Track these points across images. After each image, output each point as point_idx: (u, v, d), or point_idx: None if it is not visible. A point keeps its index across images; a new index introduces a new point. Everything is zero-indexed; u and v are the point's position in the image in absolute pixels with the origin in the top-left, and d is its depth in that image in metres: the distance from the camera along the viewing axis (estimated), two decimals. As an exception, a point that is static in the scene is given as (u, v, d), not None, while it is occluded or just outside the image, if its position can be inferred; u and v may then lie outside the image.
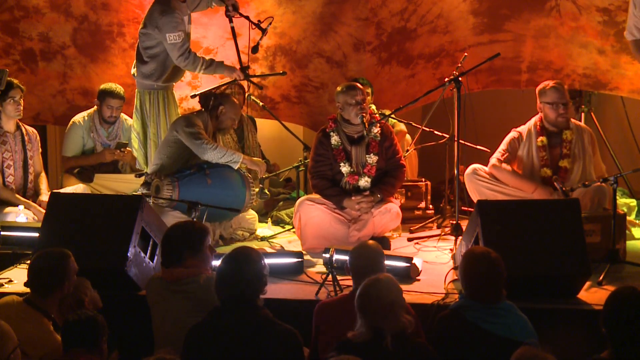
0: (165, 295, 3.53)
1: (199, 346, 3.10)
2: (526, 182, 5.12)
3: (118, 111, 5.96)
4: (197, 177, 5.13)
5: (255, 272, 3.19)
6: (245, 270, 3.16)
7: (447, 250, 5.04)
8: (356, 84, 5.23)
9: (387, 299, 3.01)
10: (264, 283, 3.22)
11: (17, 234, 4.91)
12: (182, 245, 3.56)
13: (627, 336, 2.86)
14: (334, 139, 5.21)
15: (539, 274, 3.92)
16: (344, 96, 5.15)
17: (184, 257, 3.54)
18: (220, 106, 5.34)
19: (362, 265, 3.47)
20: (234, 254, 3.27)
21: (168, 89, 5.67)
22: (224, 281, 3.17)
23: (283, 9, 6.36)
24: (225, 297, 3.15)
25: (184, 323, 3.29)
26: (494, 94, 7.28)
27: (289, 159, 6.53)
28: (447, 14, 6.41)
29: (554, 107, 5.12)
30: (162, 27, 5.34)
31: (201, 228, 3.67)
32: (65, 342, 3.14)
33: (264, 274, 3.22)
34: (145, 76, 5.56)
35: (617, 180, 4.41)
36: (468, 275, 3.32)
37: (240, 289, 3.13)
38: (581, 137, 5.19)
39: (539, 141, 5.19)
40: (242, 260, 3.20)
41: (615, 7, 5.89)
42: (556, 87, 5.16)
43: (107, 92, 5.90)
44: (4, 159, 5.40)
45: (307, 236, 5.08)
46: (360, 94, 5.13)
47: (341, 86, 5.24)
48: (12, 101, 5.38)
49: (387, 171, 5.24)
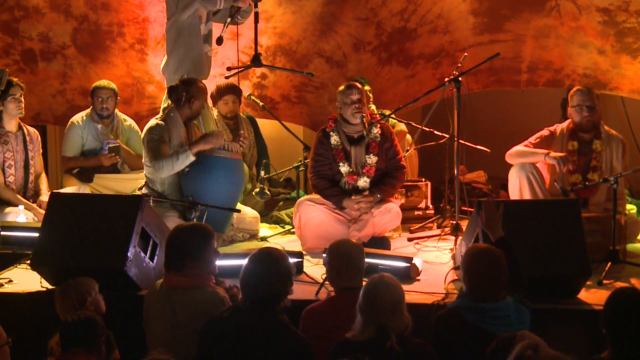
0: (163, 305, 3.50)
1: (214, 339, 3.13)
2: (538, 150, 5.07)
3: (109, 102, 5.89)
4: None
5: (282, 272, 3.20)
6: (272, 271, 3.18)
7: (447, 250, 5.04)
8: (354, 83, 5.23)
9: (395, 297, 3.04)
10: (290, 284, 3.24)
11: (17, 234, 4.91)
12: (183, 250, 3.50)
13: (627, 336, 2.86)
14: (334, 139, 5.21)
15: (539, 273, 3.91)
16: (341, 95, 5.17)
17: (186, 263, 3.49)
18: (192, 98, 5.16)
19: (338, 266, 3.54)
20: (261, 254, 3.28)
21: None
22: (250, 281, 3.19)
23: (283, 8, 6.37)
24: (249, 297, 3.17)
25: (180, 330, 3.32)
26: (494, 94, 7.29)
27: (289, 159, 6.52)
28: (447, 14, 6.41)
29: (578, 109, 5.06)
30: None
31: (206, 231, 3.61)
32: (63, 342, 3.14)
33: (291, 274, 3.24)
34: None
35: (617, 180, 4.40)
36: (469, 272, 3.32)
37: (266, 289, 3.15)
38: (610, 148, 5.11)
39: (570, 145, 5.12)
40: (270, 261, 3.21)
41: (615, 7, 5.89)
42: (581, 90, 5.11)
43: (95, 87, 5.89)
44: (5, 158, 5.40)
45: (307, 236, 5.08)
46: (357, 93, 5.12)
47: (341, 86, 5.25)
48: (12, 99, 5.38)
49: (387, 172, 5.23)
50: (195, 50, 5.57)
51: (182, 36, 5.51)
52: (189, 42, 5.53)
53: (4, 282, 4.31)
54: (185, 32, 5.52)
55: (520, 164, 5.04)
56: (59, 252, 4.15)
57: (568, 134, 5.14)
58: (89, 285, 3.60)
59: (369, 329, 3.00)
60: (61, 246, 4.16)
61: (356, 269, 3.55)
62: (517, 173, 5.02)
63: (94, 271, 3.95)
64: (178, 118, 5.12)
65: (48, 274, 4.20)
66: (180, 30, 5.51)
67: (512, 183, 5.07)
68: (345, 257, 3.57)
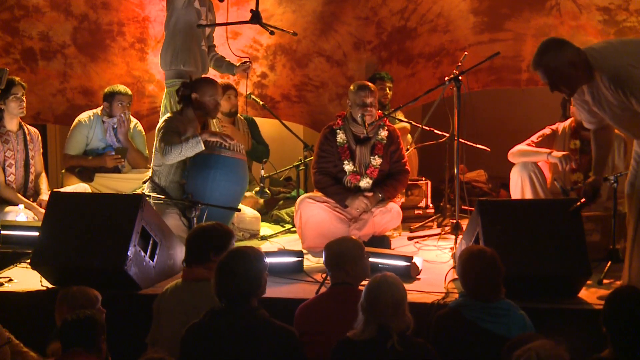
0: (182, 298, 3.52)
1: (196, 346, 3.10)
2: (541, 149, 5.07)
3: (128, 108, 5.92)
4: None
5: (255, 271, 3.19)
6: (246, 269, 3.16)
7: (447, 249, 5.04)
8: (369, 84, 5.15)
9: (397, 296, 3.04)
10: (263, 283, 3.22)
11: (17, 233, 4.91)
12: (209, 245, 3.60)
13: (628, 335, 2.86)
14: (340, 137, 5.18)
15: (539, 273, 3.91)
16: (353, 95, 5.11)
17: (210, 257, 3.57)
18: (193, 94, 5.13)
19: (330, 262, 3.56)
20: (235, 251, 3.28)
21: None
22: (223, 278, 3.17)
23: (283, 7, 6.37)
24: (223, 294, 3.16)
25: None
26: (494, 93, 7.29)
27: (289, 158, 6.52)
28: (447, 13, 6.41)
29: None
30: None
31: (227, 231, 3.71)
32: (63, 341, 3.14)
33: (264, 273, 3.23)
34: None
35: (617, 179, 4.40)
36: (465, 274, 3.33)
37: (239, 287, 3.13)
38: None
39: (572, 144, 5.11)
40: (243, 258, 3.20)
41: (615, 6, 5.89)
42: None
43: (116, 92, 5.84)
44: (5, 157, 5.40)
45: (308, 235, 5.07)
46: (370, 96, 5.06)
47: (354, 84, 5.19)
48: (14, 98, 5.38)
49: (391, 174, 5.22)
50: (192, 42, 5.59)
51: (178, 28, 5.57)
52: (185, 34, 5.57)
53: (4, 281, 4.31)
54: (181, 24, 5.57)
55: (522, 163, 5.03)
56: (59, 251, 4.14)
57: (570, 132, 5.14)
58: (92, 299, 3.50)
59: (370, 328, 3.00)
60: (61, 245, 4.15)
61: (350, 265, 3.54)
62: (519, 172, 5.02)
63: (94, 270, 3.96)
64: (191, 114, 5.14)
65: (48, 273, 4.20)
66: (176, 22, 5.57)
67: (513, 182, 5.06)
68: (337, 253, 3.57)
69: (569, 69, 3.72)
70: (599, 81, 3.74)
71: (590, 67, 3.74)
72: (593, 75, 3.75)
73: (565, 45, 3.77)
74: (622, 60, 3.68)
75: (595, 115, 3.99)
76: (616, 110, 3.76)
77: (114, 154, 5.82)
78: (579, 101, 3.99)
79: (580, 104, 4.01)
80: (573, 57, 3.73)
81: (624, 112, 3.74)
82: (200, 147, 4.90)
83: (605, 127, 4.09)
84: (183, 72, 5.54)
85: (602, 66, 3.70)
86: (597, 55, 3.75)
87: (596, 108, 3.88)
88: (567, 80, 3.77)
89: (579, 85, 3.83)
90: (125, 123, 5.85)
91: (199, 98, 5.12)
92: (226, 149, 5.06)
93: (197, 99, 5.12)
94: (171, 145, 4.91)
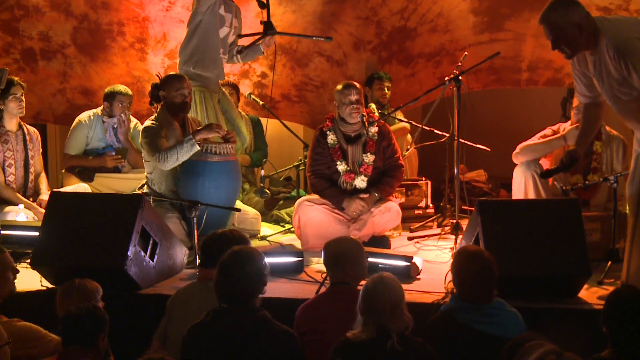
0: (197, 297, 3.53)
1: (197, 346, 3.10)
2: (553, 138, 5.05)
3: (128, 108, 5.92)
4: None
5: (255, 270, 3.19)
6: (246, 269, 3.16)
7: (447, 249, 5.04)
8: (353, 83, 5.20)
9: (394, 297, 3.03)
10: (263, 282, 3.22)
11: (17, 233, 4.90)
12: (225, 249, 3.52)
13: (628, 335, 2.85)
14: (331, 138, 5.20)
15: (539, 273, 3.91)
16: (339, 95, 5.15)
17: None
18: (160, 92, 5.12)
19: (329, 262, 3.57)
20: (236, 252, 3.27)
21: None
22: (224, 278, 3.17)
23: (283, 8, 6.37)
24: (223, 295, 3.16)
25: None
26: (494, 93, 7.30)
27: (289, 158, 6.53)
28: (447, 13, 6.41)
29: (577, 111, 5.05)
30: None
31: (242, 237, 3.71)
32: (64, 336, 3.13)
33: (264, 273, 3.22)
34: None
35: (617, 180, 4.40)
36: (460, 274, 3.32)
37: (240, 287, 3.13)
38: (610, 149, 5.11)
39: (572, 146, 5.12)
40: (244, 258, 3.20)
41: (615, 6, 5.89)
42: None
43: (117, 92, 5.83)
44: (5, 157, 5.40)
45: (307, 236, 5.07)
46: (356, 94, 5.10)
47: (339, 85, 5.24)
48: (14, 98, 5.37)
49: (385, 171, 5.23)
50: (209, 45, 5.59)
51: (198, 29, 5.58)
52: (202, 38, 5.57)
53: (4, 281, 4.31)
54: (203, 26, 5.57)
55: (525, 162, 5.02)
56: (59, 251, 4.15)
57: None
58: (93, 290, 3.52)
59: (369, 329, 3.00)
60: (61, 245, 4.16)
61: (349, 265, 3.54)
62: (523, 172, 5.01)
63: (94, 270, 3.95)
64: (167, 115, 5.11)
65: (48, 273, 4.21)
66: (198, 23, 5.57)
67: (516, 182, 5.06)
68: (335, 253, 3.57)
69: (573, 30, 3.76)
70: (604, 50, 3.75)
71: (597, 35, 3.77)
72: (597, 43, 3.77)
73: (575, 5, 3.81)
74: (631, 33, 3.72)
75: (592, 90, 4.02)
76: (614, 84, 3.78)
77: (114, 154, 5.82)
78: (579, 72, 4.02)
79: (579, 75, 4.04)
80: (581, 20, 3.77)
81: (621, 86, 3.76)
82: (196, 148, 4.88)
83: (597, 104, 4.11)
84: (193, 74, 5.55)
85: (611, 35, 3.73)
86: (608, 23, 3.79)
87: (596, 79, 3.89)
88: (570, 41, 3.81)
89: (580, 49, 3.85)
90: (125, 123, 5.85)
91: (166, 95, 5.11)
92: (213, 154, 4.98)
93: (165, 96, 5.12)
94: (166, 152, 4.88)
